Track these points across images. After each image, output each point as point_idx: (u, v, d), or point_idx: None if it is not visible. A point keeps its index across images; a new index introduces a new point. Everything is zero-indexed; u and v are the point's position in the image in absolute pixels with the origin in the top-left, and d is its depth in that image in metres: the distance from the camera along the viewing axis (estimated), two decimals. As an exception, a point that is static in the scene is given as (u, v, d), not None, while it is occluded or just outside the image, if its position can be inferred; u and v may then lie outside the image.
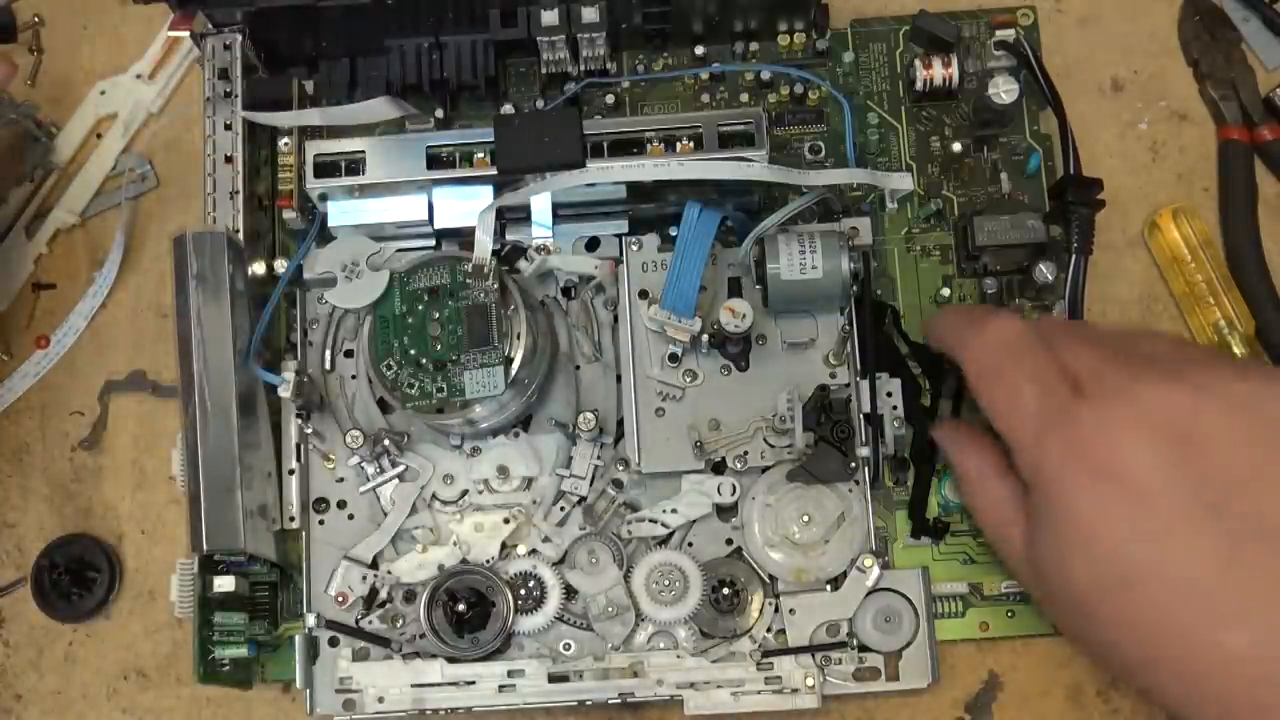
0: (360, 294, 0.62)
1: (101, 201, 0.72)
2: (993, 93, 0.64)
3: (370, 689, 0.61)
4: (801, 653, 0.62)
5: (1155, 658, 0.49)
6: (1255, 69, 0.70)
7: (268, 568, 0.63)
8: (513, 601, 0.62)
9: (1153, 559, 0.48)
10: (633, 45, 0.69)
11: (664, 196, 0.65)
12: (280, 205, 0.65)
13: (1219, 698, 0.47)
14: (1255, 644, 0.46)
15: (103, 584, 0.67)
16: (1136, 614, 0.49)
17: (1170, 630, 0.48)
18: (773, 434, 0.63)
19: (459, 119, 0.69)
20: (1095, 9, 0.71)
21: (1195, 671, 0.48)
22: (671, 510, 0.63)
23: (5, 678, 0.67)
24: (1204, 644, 0.47)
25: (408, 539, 0.64)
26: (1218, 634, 0.47)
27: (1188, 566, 0.48)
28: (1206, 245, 0.67)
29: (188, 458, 0.60)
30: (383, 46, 0.68)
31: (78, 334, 0.70)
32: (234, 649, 0.62)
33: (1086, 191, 0.63)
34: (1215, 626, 0.47)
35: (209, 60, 0.66)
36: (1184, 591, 0.48)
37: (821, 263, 0.61)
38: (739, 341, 0.63)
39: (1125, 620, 0.49)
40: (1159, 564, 0.48)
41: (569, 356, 0.65)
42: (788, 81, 0.68)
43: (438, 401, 0.60)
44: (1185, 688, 0.48)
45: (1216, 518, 0.47)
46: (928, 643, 0.62)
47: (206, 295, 0.60)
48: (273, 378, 0.61)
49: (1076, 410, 0.50)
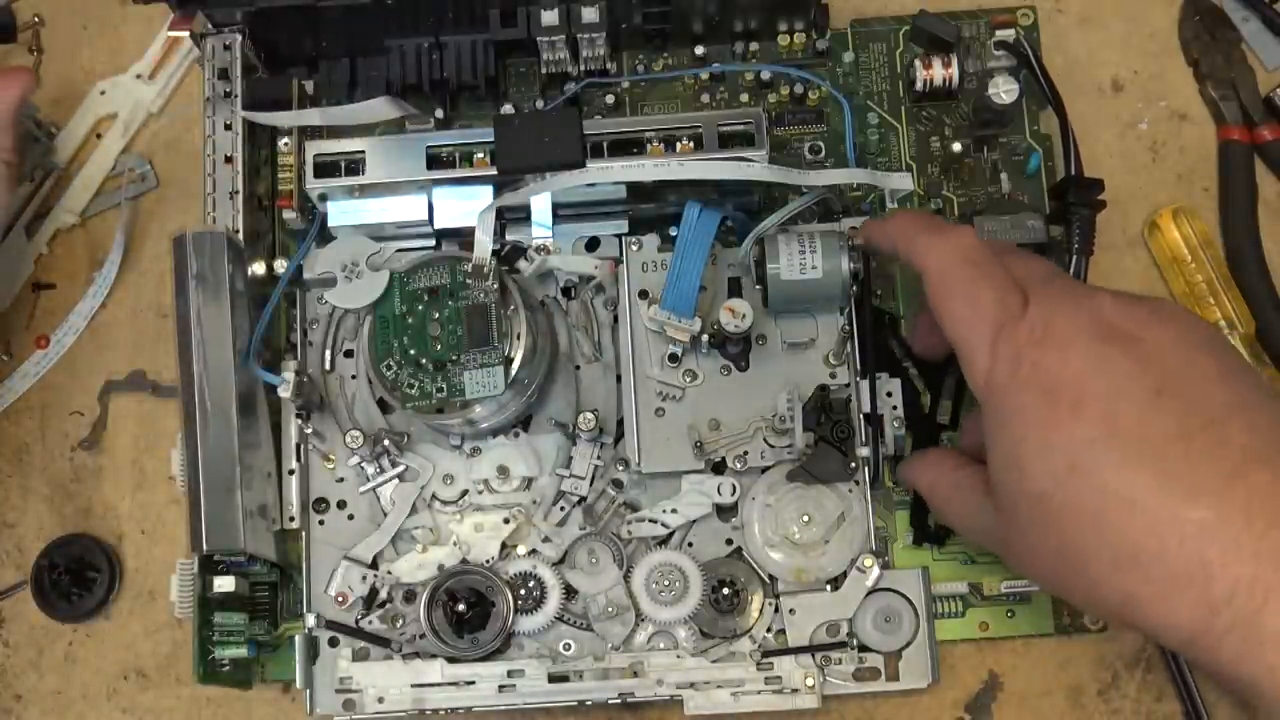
0: (360, 294, 0.62)
1: (101, 201, 0.72)
2: (993, 93, 0.64)
3: (370, 689, 0.61)
4: (801, 653, 0.62)
5: (1117, 549, 0.48)
6: (1255, 69, 0.70)
7: (268, 568, 0.63)
8: (513, 601, 0.62)
9: (1106, 445, 0.48)
10: (633, 45, 0.69)
11: (664, 196, 0.65)
12: (280, 205, 0.65)
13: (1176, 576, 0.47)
14: (1215, 518, 0.46)
15: (103, 584, 0.67)
16: (1095, 501, 0.48)
17: (1131, 511, 0.48)
18: (773, 434, 0.63)
19: (459, 119, 0.69)
20: (1095, 9, 0.71)
21: (1157, 551, 0.47)
22: (671, 510, 0.63)
23: (5, 678, 0.67)
24: (1167, 520, 0.47)
25: (408, 539, 0.64)
26: (1178, 508, 0.47)
27: (1143, 444, 0.48)
28: (1206, 245, 0.67)
29: (188, 458, 0.60)
30: (383, 46, 0.68)
31: (78, 334, 0.70)
32: (234, 649, 0.62)
33: (1088, 192, 0.63)
34: (1175, 501, 0.47)
35: (209, 60, 0.66)
36: (1142, 469, 0.48)
37: (821, 263, 0.61)
38: (739, 341, 0.63)
39: (1086, 512, 0.49)
40: (1113, 450, 0.48)
41: (569, 356, 0.65)
42: (788, 81, 0.68)
43: (438, 401, 0.60)
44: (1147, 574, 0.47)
45: (1163, 400, 0.48)
46: (928, 643, 0.62)
47: (206, 295, 0.60)
48: (273, 378, 0.61)
49: (1025, 315, 0.52)
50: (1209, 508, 0.47)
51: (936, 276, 0.55)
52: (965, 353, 0.53)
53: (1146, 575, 0.47)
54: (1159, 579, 0.47)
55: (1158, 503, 0.47)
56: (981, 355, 0.52)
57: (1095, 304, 0.51)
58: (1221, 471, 0.47)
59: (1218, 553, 0.46)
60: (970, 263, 0.54)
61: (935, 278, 0.55)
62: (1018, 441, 0.50)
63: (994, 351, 0.52)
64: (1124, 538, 0.48)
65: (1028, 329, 0.51)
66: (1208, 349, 0.51)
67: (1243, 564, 0.46)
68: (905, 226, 0.58)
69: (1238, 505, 0.46)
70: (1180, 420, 0.48)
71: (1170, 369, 0.49)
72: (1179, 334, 0.51)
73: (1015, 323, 0.51)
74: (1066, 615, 0.64)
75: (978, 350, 0.52)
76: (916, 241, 0.56)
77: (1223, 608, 0.46)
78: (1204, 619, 0.46)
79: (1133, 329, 0.50)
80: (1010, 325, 0.51)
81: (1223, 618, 0.46)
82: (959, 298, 0.54)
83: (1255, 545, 0.46)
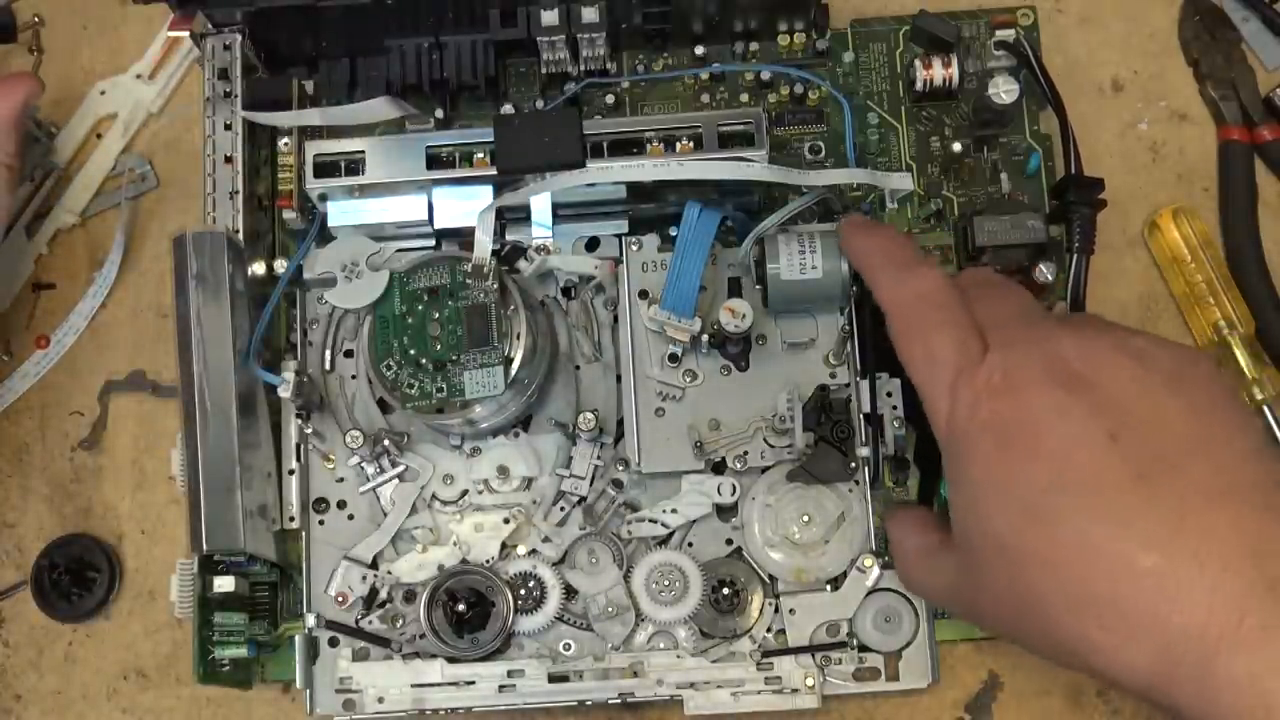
0: (360, 294, 0.62)
1: (101, 201, 0.72)
2: (993, 93, 0.64)
3: (370, 689, 0.61)
4: (801, 653, 0.62)
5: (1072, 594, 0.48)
6: (1255, 69, 0.70)
7: (268, 568, 0.63)
8: (513, 601, 0.62)
9: (1060, 492, 0.49)
10: (633, 45, 0.69)
11: (664, 196, 0.65)
12: (280, 205, 0.65)
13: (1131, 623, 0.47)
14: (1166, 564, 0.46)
15: (103, 584, 0.67)
16: (1050, 549, 0.48)
17: (1086, 557, 0.48)
18: (773, 434, 0.63)
19: (459, 119, 0.69)
20: (1095, 9, 0.71)
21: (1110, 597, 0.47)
22: (671, 510, 0.63)
23: (5, 678, 0.67)
24: (1121, 567, 0.47)
25: (408, 539, 0.64)
26: (1132, 554, 0.47)
27: (1097, 491, 0.48)
28: (1206, 245, 0.67)
29: (188, 458, 0.60)
30: (383, 46, 0.68)
31: (78, 334, 0.70)
32: (234, 649, 0.62)
33: (1088, 191, 0.63)
34: (1129, 547, 0.47)
35: (209, 60, 0.66)
36: (1096, 516, 0.48)
37: (821, 263, 0.61)
38: (739, 341, 0.63)
39: (1041, 558, 0.49)
40: (1066, 496, 0.48)
41: (569, 356, 0.65)
42: (788, 81, 0.68)
43: (438, 401, 0.60)
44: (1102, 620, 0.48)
45: (1119, 445, 0.48)
46: (928, 643, 0.62)
47: (206, 295, 0.60)
48: (273, 378, 0.61)
49: (984, 360, 0.52)
50: (1161, 554, 0.47)
51: (897, 318, 0.55)
52: (924, 396, 0.54)
53: (1101, 621, 0.47)
54: (1114, 625, 0.47)
55: (1112, 549, 0.47)
56: (941, 400, 0.53)
57: (1054, 347, 0.51)
58: (1175, 515, 0.47)
59: (1169, 599, 0.46)
60: (932, 305, 0.54)
61: (895, 319, 0.55)
62: (976, 486, 0.51)
63: (953, 396, 0.52)
64: (1079, 584, 0.48)
65: (985, 375, 0.51)
66: (1172, 387, 0.50)
67: (1195, 610, 0.46)
68: (872, 256, 0.58)
69: (1189, 550, 0.46)
70: (1135, 464, 0.48)
71: (1128, 410, 0.49)
72: (1140, 374, 0.50)
73: (974, 368, 0.52)
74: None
75: (937, 396, 0.53)
76: (881, 276, 0.57)
77: (1178, 654, 0.46)
78: (1159, 665, 0.46)
79: (1089, 373, 0.50)
80: (969, 370, 0.52)
81: (1178, 665, 0.46)
82: (918, 343, 0.54)
83: (1208, 591, 0.46)
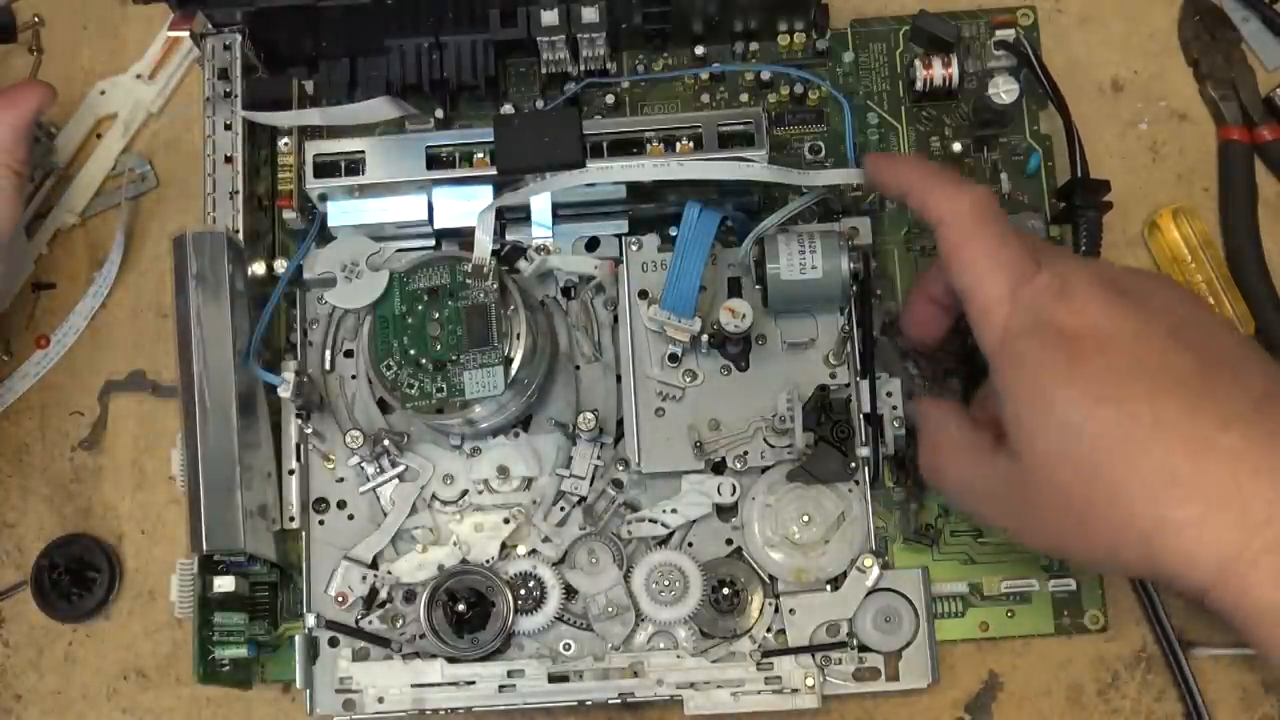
0: (360, 294, 0.62)
1: (101, 201, 0.72)
2: (993, 93, 0.64)
3: (370, 689, 0.61)
4: (801, 653, 0.62)
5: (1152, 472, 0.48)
6: (1255, 69, 0.70)
7: (268, 568, 0.63)
8: (513, 601, 0.62)
9: (1136, 377, 0.49)
10: (633, 45, 0.69)
11: (664, 196, 0.65)
12: (280, 205, 0.65)
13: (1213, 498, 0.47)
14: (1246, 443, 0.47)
15: (103, 584, 0.67)
16: (1127, 428, 0.49)
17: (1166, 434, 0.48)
18: (773, 434, 0.63)
19: (459, 119, 0.69)
20: (1095, 9, 0.71)
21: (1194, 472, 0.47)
22: (671, 510, 0.63)
23: (5, 678, 0.67)
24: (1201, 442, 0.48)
25: (408, 539, 0.64)
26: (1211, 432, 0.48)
27: (1170, 376, 0.49)
28: (1206, 245, 0.67)
29: (188, 458, 0.60)
30: (383, 46, 0.68)
31: (78, 334, 0.70)
32: (234, 649, 0.62)
33: (1095, 194, 0.63)
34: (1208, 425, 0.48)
35: (209, 60, 0.66)
36: (1172, 396, 0.48)
37: (821, 263, 0.61)
38: (739, 341, 0.63)
39: (1118, 439, 0.49)
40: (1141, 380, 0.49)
41: (569, 356, 0.65)
42: (788, 81, 0.68)
43: (437, 401, 0.60)
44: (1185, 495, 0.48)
45: (1181, 342, 0.50)
46: (928, 643, 0.62)
47: (206, 295, 0.60)
48: (273, 378, 0.61)
49: (1041, 270, 0.53)
50: (1240, 434, 0.47)
51: (955, 226, 0.55)
52: (981, 302, 0.53)
53: (1183, 496, 0.48)
54: (1195, 500, 0.47)
55: (1190, 427, 0.48)
56: (1001, 304, 0.52)
57: (1101, 267, 0.54)
58: (1247, 402, 0.48)
59: (1251, 476, 0.47)
60: (992, 214, 0.55)
61: (953, 228, 0.55)
62: (1042, 382, 0.50)
63: (1014, 301, 0.52)
64: (1159, 462, 0.48)
65: (1045, 281, 0.52)
66: (1207, 310, 0.54)
67: (1276, 487, 0.46)
68: (922, 173, 0.57)
69: (1266, 431, 0.47)
70: (1200, 359, 0.49)
71: (1180, 318, 0.51)
72: (1180, 294, 0.54)
73: (1033, 275, 0.52)
74: (1066, 615, 0.64)
75: (997, 299, 0.53)
76: (935, 190, 0.56)
77: (1260, 529, 0.46)
78: (1239, 541, 0.47)
79: (1137, 288, 0.52)
80: (1028, 278, 0.52)
81: (1258, 539, 0.46)
82: (979, 249, 0.54)
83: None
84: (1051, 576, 0.64)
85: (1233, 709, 0.63)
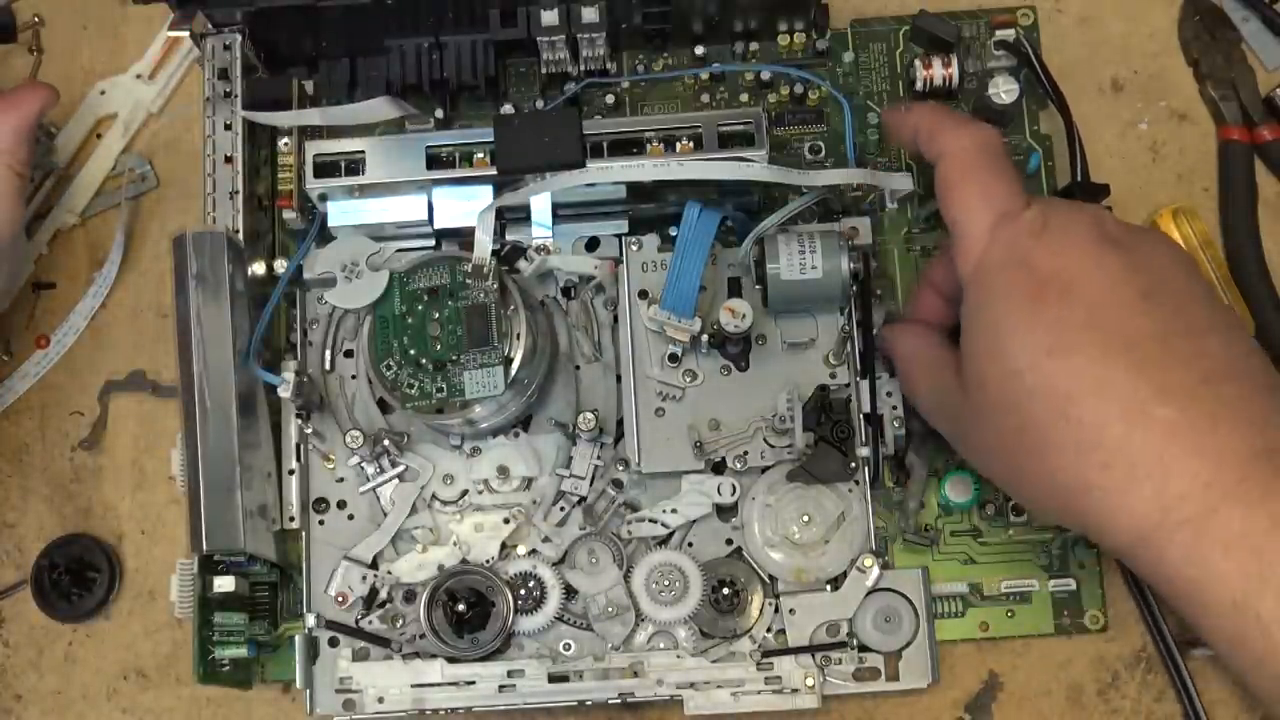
0: (360, 294, 0.62)
1: (101, 201, 0.72)
2: (993, 93, 0.64)
3: (370, 689, 0.61)
4: (801, 653, 0.62)
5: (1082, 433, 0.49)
6: (1255, 69, 0.70)
7: (268, 568, 0.63)
8: (513, 601, 0.62)
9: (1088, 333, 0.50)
10: (633, 45, 0.69)
11: (664, 196, 0.65)
12: (280, 205, 0.65)
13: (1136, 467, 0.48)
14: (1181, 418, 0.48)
15: (103, 584, 0.67)
16: (1068, 384, 0.49)
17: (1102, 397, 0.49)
18: (773, 434, 0.63)
19: (459, 119, 0.69)
20: (1095, 9, 0.71)
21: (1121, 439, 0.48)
22: (671, 510, 0.63)
23: (5, 678, 0.67)
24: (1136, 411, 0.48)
25: (408, 539, 0.64)
26: (1149, 401, 0.48)
27: (1124, 339, 0.49)
28: (1206, 245, 0.67)
29: (188, 458, 0.60)
30: (383, 46, 0.68)
31: (78, 334, 0.70)
32: (234, 649, 0.62)
33: (1095, 197, 0.63)
34: (1147, 394, 0.48)
35: (209, 60, 0.66)
36: (1119, 360, 0.49)
37: (821, 263, 0.61)
38: (739, 341, 0.63)
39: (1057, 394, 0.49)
40: (1094, 338, 0.49)
41: (569, 356, 0.65)
42: (788, 81, 0.68)
43: (437, 401, 0.60)
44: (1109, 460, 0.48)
45: (1149, 304, 0.50)
46: (928, 643, 0.62)
47: (206, 295, 0.60)
48: (273, 378, 0.61)
49: (1028, 207, 0.53)
50: (1178, 408, 0.48)
51: (954, 160, 0.56)
52: (962, 232, 0.54)
53: (1107, 461, 0.48)
54: (1119, 467, 0.48)
55: (1129, 393, 0.48)
56: (979, 237, 0.54)
57: (1096, 213, 0.54)
58: (1194, 376, 0.49)
59: (1179, 451, 0.47)
60: (990, 154, 0.56)
61: (952, 161, 0.56)
62: (999, 320, 0.52)
63: (992, 235, 0.53)
64: (1091, 423, 0.49)
65: (1028, 220, 0.53)
66: (1194, 276, 0.53)
67: (1203, 464, 0.47)
68: (931, 114, 0.59)
69: (1205, 410, 0.48)
70: (1163, 324, 0.50)
71: (1159, 278, 0.51)
72: (1170, 255, 0.53)
73: (1019, 212, 0.53)
74: (1066, 615, 0.64)
75: (976, 233, 0.54)
76: (941, 127, 0.57)
77: (1177, 505, 0.47)
78: (1157, 514, 0.47)
79: (1126, 240, 0.52)
80: (1014, 214, 0.53)
81: (1175, 514, 0.47)
82: (972, 183, 0.55)
83: (1217, 449, 0.47)
84: (1051, 576, 0.64)
85: (1232, 709, 0.63)
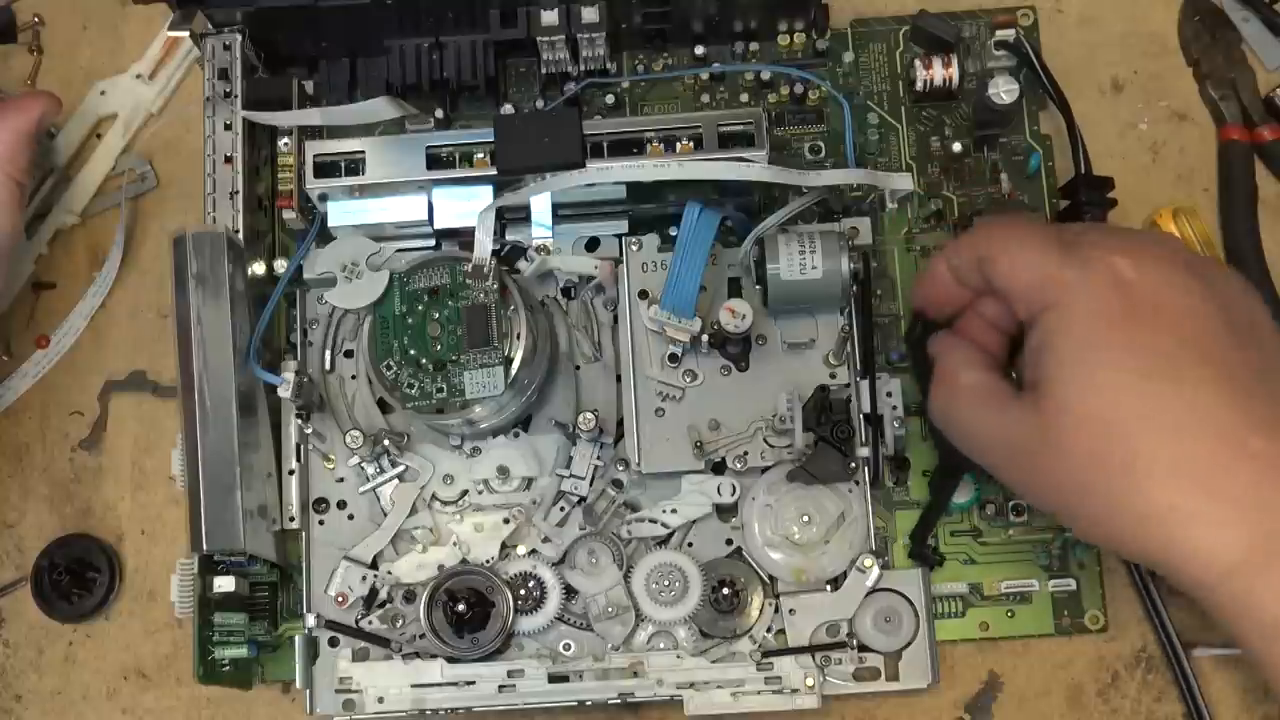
0: (360, 294, 0.62)
1: (101, 201, 0.72)
2: (993, 93, 0.64)
3: (370, 689, 0.61)
4: (801, 653, 0.62)
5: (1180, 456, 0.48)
6: (1255, 69, 0.70)
7: (268, 568, 0.63)
8: (513, 601, 0.62)
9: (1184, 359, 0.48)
10: (633, 45, 0.69)
11: (664, 196, 0.65)
12: (280, 205, 0.65)
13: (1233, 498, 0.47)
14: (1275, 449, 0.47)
15: (103, 584, 0.67)
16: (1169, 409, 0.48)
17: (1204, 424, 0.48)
18: (773, 434, 0.63)
19: (459, 119, 0.69)
20: (1095, 9, 0.71)
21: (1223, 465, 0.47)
22: (671, 510, 0.63)
23: (5, 678, 0.67)
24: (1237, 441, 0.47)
25: (408, 539, 0.64)
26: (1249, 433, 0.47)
27: (1222, 367, 0.48)
28: (1206, 245, 0.67)
29: (188, 458, 0.60)
30: (383, 46, 0.68)
31: (78, 334, 0.70)
32: (234, 649, 0.62)
33: (1099, 191, 0.63)
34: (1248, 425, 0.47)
35: (209, 60, 0.66)
36: (1221, 389, 0.48)
37: (821, 263, 0.61)
38: (739, 341, 0.63)
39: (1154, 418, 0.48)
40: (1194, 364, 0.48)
41: (569, 356, 0.65)
42: (788, 81, 0.68)
43: (438, 402, 0.60)
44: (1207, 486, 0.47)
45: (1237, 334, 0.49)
46: (928, 643, 0.62)
47: (206, 295, 0.60)
48: (273, 378, 0.61)
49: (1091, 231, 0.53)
50: (1268, 439, 0.47)
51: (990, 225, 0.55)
52: (1028, 257, 0.52)
53: (1202, 489, 0.47)
54: (1214, 496, 0.47)
55: (1228, 421, 0.47)
56: (1050, 256, 0.51)
57: (1171, 238, 0.53)
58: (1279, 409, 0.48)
59: (1274, 484, 0.46)
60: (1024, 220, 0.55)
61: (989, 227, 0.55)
62: (1087, 343, 0.49)
63: (1064, 254, 0.51)
64: (1188, 448, 0.47)
65: (1098, 235, 0.51)
66: (1267, 314, 0.52)
67: None
68: None
69: None
70: (1250, 357, 0.49)
71: (1239, 308, 0.50)
72: (1245, 290, 0.52)
73: (1083, 234, 0.52)
74: (1066, 615, 0.64)
75: (1045, 254, 0.51)
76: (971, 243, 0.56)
77: (1273, 538, 0.46)
78: (1250, 547, 0.46)
79: (1201, 268, 0.51)
80: (1079, 236, 0.51)
81: (1269, 548, 0.46)
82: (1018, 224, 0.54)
83: None
84: (1051, 577, 0.64)
85: (1233, 709, 0.63)
